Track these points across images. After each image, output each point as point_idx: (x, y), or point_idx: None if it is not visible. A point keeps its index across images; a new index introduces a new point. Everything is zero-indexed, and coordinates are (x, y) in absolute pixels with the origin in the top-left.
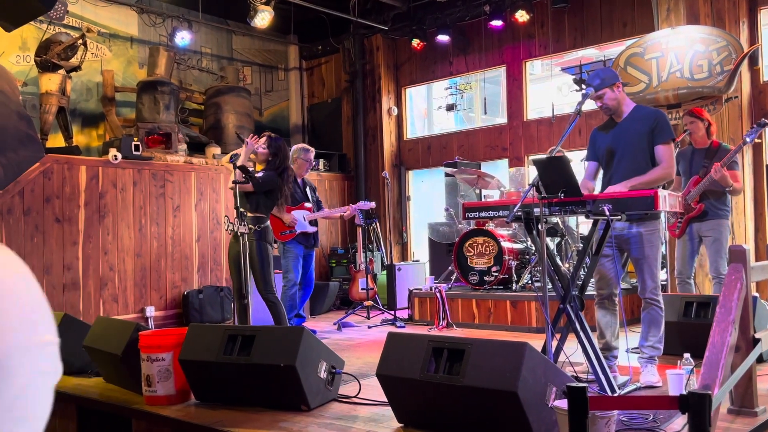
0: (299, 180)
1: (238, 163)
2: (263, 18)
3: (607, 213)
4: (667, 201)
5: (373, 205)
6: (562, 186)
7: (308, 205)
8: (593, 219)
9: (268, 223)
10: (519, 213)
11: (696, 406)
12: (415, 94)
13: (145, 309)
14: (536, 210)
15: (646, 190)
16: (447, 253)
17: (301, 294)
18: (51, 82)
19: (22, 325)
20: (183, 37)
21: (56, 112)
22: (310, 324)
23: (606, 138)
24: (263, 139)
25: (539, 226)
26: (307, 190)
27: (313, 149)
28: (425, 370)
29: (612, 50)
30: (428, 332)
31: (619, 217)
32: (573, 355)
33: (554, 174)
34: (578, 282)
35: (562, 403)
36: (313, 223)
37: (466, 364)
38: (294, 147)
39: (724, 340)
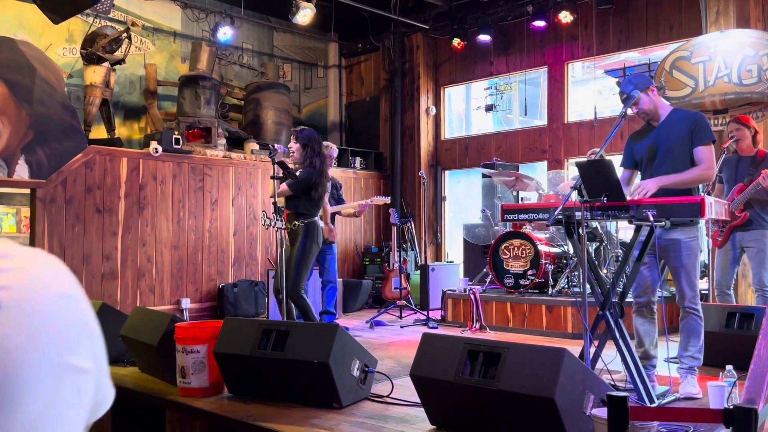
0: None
1: (274, 173)
2: (305, 15)
3: (651, 219)
4: (713, 208)
5: (388, 200)
6: (605, 190)
7: None
8: (636, 225)
9: (316, 220)
10: (560, 216)
11: (741, 421)
12: (453, 94)
13: (180, 301)
14: (578, 214)
15: (692, 197)
16: (482, 254)
17: (326, 292)
18: (95, 74)
19: (46, 344)
20: (225, 33)
21: (100, 104)
22: (341, 321)
23: (644, 143)
24: (292, 138)
25: (579, 231)
26: (328, 186)
27: (334, 146)
28: (460, 373)
29: (656, 54)
30: (461, 334)
31: (663, 224)
32: (611, 362)
33: (597, 177)
34: (618, 289)
35: (601, 412)
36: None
37: (502, 368)
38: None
39: None
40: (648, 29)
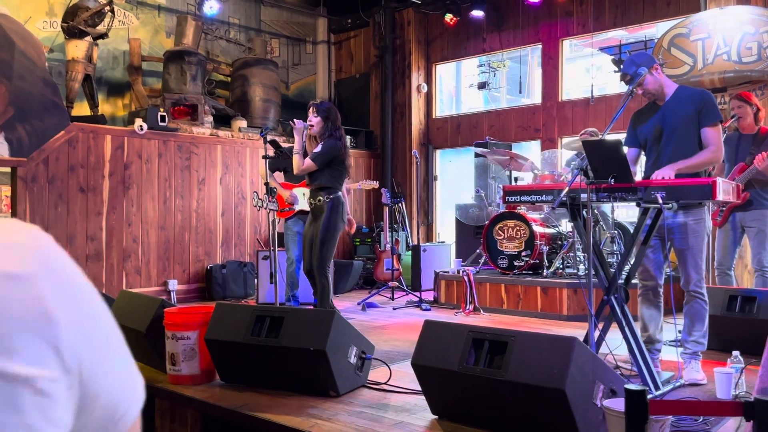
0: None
1: (296, 149)
2: None
3: (660, 201)
4: (723, 189)
5: (376, 184)
6: (612, 171)
7: None
8: (644, 207)
9: (341, 195)
10: (564, 198)
11: (763, 413)
12: (443, 72)
13: (167, 282)
14: (583, 195)
15: (704, 178)
16: (474, 235)
17: None
18: (77, 49)
19: None
20: (211, 7)
21: (82, 79)
22: (334, 303)
23: (649, 123)
24: (310, 111)
25: (584, 213)
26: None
27: None
28: (464, 362)
29: (650, 31)
30: (455, 316)
31: (670, 206)
32: (616, 348)
33: (605, 158)
34: (623, 273)
35: (613, 404)
36: None
37: (509, 357)
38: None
39: None
40: (645, 5)
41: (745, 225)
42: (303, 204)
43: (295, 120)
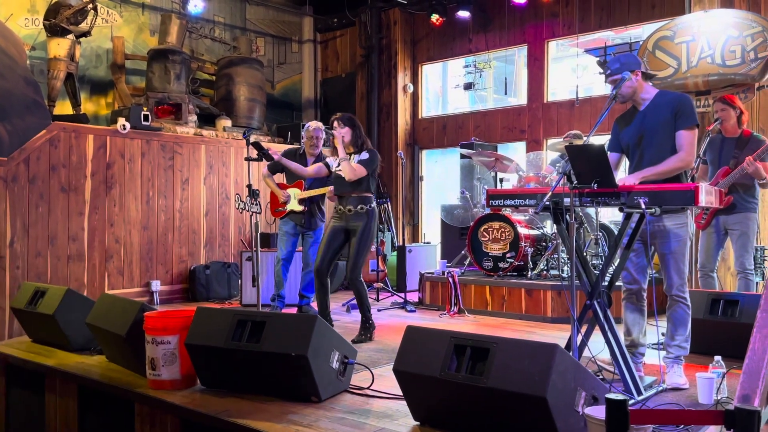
0: (309, 158)
1: (342, 156)
2: None
3: (643, 206)
4: (704, 194)
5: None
6: (595, 176)
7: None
8: (626, 212)
9: (375, 204)
10: (547, 203)
11: (743, 422)
12: (429, 72)
13: (150, 283)
14: (566, 200)
15: (686, 184)
16: (460, 236)
17: (304, 275)
18: (59, 47)
19: None
20: (196, 5)
21: (64, 78)
22: (316, 304)
23: (629, 128)
24: (335, 125)
25: (567, 217)
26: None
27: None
28: (446, 369)
29: (635, 32)
30: (440, 318)
31: (653, 210)
32: (594, 348)
33: (588, 163)
34: (606, 277)
35: (595, 411)
36: (303, 202)
37: (491, 364)
38: (308, 124)
39: (765, 347)
40: (630, 7)
41: (728, 228)
42: (293, 204)
43: (335, 129)
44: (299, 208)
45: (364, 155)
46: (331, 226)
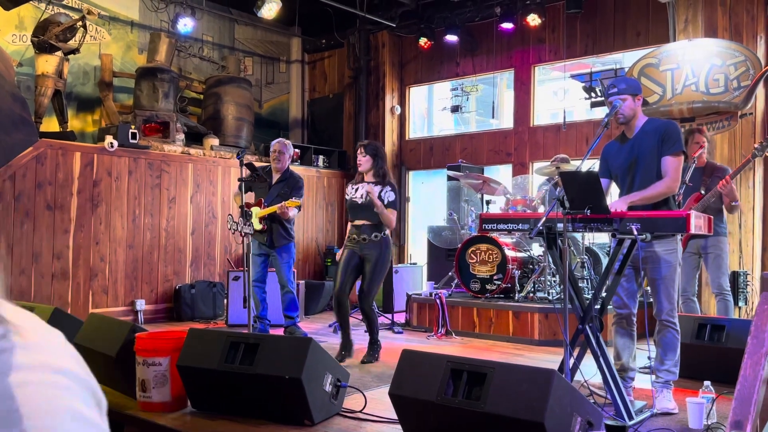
0: (275, 173)
1: (356, 189)
2: (270, 9)
3: (635, 233)
4: (697, 222)
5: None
6: (588, 202)
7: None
8: (619, 238)
9: (388, 232)
10: (541, 227)
11: None
12: (415, 94)
13: (135, 302)
14: (559, 225)
15: (678, 211)
16: (446, 257)
17: (282, 296)
18: (48, 63)
19: None
20: (185, 24)
21: (52, 95)
22: (303, 325)
23: (618, 154)
24: (358, 152)
25: (560, 242)
26: (278, 185)
27: (289, 142)
28: (442, 393)
29: (617, 57)
30: (427, 339)
31: (644, 236)
32: (587, 371)
33: (581, 189)
34: (598, 301)
35: None
36: (263, 220)
37: (488, 389)
38: (274, 141)
39: (756, 373)
40: (615, 35)
41: (702, 252)
42: (255, 223)
43: (358, 156)
44: (259, 226)
45: (390, 195)
46: (346, 251)
